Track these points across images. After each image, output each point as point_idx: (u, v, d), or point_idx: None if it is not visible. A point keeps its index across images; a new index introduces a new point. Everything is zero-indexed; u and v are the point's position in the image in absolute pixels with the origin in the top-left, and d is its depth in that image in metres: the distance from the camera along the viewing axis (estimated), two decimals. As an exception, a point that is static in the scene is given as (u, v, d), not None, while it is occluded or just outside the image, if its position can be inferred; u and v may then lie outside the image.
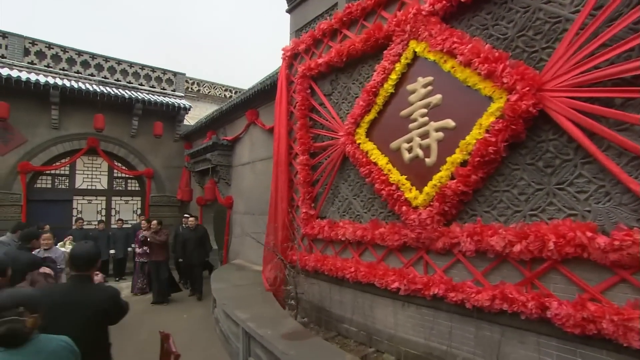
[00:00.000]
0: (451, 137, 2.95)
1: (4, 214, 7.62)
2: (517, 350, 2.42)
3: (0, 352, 1.20)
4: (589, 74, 2.14)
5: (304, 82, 4.50)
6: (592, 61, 2.13)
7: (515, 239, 2.38)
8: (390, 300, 3.34)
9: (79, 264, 1.82)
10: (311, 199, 4.36)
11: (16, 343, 1.22)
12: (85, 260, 1.83)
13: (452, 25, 3.00)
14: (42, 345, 1.29)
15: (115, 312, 1.89)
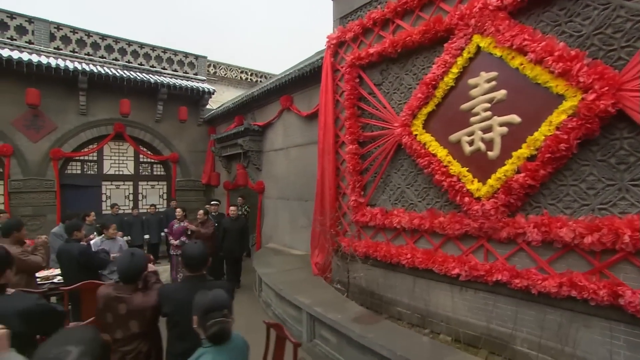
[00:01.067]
0: (515, 132, 3.11)
1: (39, 200, 7.92)
2: (582, 333, 2.68)
3: (211, 348, 1.42)
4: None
5: (352, 71, 4.60)
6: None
7: (585, 231, 2.59)
8: (447, 285, 3.60)
9: (193, 264, 2.00)
10: (361, 187, 4.57)
11: (223, 340, 1.44)
12: (198, 261, 2.00)
13: (520, 20, 3.10)
14: (235, 341, 1.52)
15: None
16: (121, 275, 1.94)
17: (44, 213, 7.99)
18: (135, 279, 1.96)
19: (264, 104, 7.55)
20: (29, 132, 7.84)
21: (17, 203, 7.67)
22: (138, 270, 1.96)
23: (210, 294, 1.51)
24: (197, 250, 1.98)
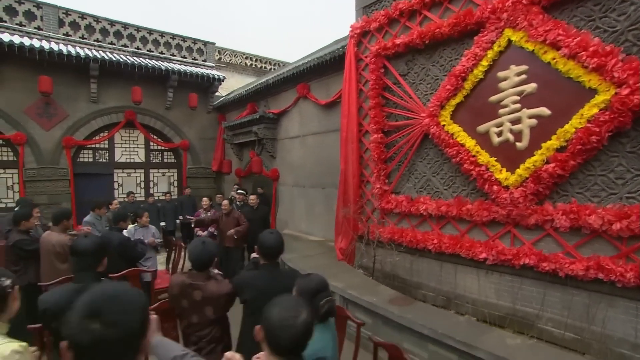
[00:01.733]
0: (544, 124, 3.27)
1: (54, 189, 8.00)
2: (607, 313, 2.91)
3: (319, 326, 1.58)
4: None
5: (377, 61, 4.70)
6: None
7: (614, 218, 2.79)
8: (474, 269, 3.82)
9: (271, 252, 2.16)
10: (385, 176, 4.73)
11: (333, 315, 1.62)
12: (276, 250, 2.17)
13: (553, 15, 3.21)
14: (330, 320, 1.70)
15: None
16: (194, 263, 2.10)
17: (59, 201, 8.06)
18: (207, 267, 2.13)
19: (278, 91, 7.60)
20: (41, 120, 7.86)
21: (33, 191, 7.75)
22: (210, 258, 2.12)
23: (314, 277, 1.69)
24: (274, 239, 2.13)
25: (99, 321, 0.79)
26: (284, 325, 1.13)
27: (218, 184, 10.44)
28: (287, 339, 1.13)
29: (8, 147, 7.83)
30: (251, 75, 13.25)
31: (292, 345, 1.14)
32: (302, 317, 1.16)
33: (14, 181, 7.91)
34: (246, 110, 8.56)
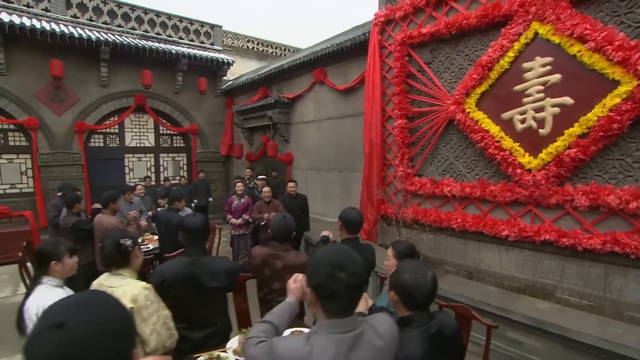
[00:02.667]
0: (567, 112, 3.56)
1: (68, 174, 8.09)
2: (619, 282, 3.30)
3: None
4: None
5: (402, 49, 4.90)
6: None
7: (631, 197, 3.14)
8: (495, 245, 4.18)
9: (353, 226, 2.45)
10: (409, 159, 5.02)
11: None
12: (359, 224, 2.46)
13: (580, 10, 3.45)
14: None
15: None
16: (276, 235, 2.38)
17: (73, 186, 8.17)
18: (288, 239, 2.41)
19: (292, 76, 7.73)
20: (52, 105, 7.87)
21: (47, 177, 7.85)
22: (290, 231, 2.40)
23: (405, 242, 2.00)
24: (357, 214, 2.43)
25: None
26: (419, 285, 1.40)
27: (227, 168, 10.62)
28: (423, 295, 1.40)
29: (20, 132, 7.86)
30: (253, 59, 13.22)
31: (427, 299, 1.42)
32: (430, 275, 1.44)
33: (27, 166, 7.98)
34: (257, 94, 8.66)
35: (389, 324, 1.20)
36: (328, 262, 1.10)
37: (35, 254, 1.94)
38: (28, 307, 1.80)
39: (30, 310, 1.79)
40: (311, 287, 1.12)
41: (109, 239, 1.79)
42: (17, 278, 5.65)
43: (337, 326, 1.07)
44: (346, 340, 1.06)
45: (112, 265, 1.77)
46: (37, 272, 1.92)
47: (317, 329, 1.11)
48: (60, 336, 0.62)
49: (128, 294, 1.63)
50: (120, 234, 1.81)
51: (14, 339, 3.64)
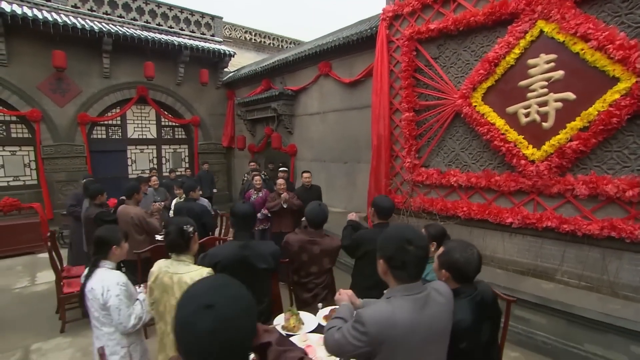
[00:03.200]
0: (569, 107, 3.80)
1: (72, 166, 8.12)
2: (615, 264, 3.58)
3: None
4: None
5: (410, 44, 5.07)
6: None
7: (627, 186, 3.41)
8: (499, 232, 4.44)
9: (385, 212, 2.67)
10: (416, 151, 5.23)
11: None
12: (391, 210, 2.67)
13: (583, 9, 3.66)
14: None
15: None
16: (312, 222, 2.58)
17: (77, 178, 8.16)
18: (322, 225, 2.61)
19: (296, 68, 7.83)
20: (55, 97, 7.84)
21: (51, 169, 7.87)
22: (325, 218, 2.61)
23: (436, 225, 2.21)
24: (388, 201, 2.65)
25: None
26: (469, 262, 1.61)
27: (228, 160, 10.71)
28: (473, 270, 1.62)
29: (22, 124, 7.83)
30: (251, 50, 13.20)
31: (475, 274, 1.64)
32: (476, 252, 1.65)
33: (31, 158, 7.98)
34: (260, 86, 8.75)
35: (444, 286, 1.45)
36: (398, 237, 1.30)
37: (95, 240, 2.08)
38: (93, 287, 1.96)
39: (95, 290, 1.95)
40: (383, 259, 1.33)
41: (173, 225, 1.94)
42: (32, 268, 5.77)
43: (408, 290, 1.29)
44: (419, 300, 1.27)
45: (175, 250, 1.93)
46: (97, 257, 2.06)
47: (391, 293, 1.32)
48: (212, 315, 0.76)
49: (196, 279, 1.80)
50: (183, 220, 1.96)
51: (46, 325, 3.81)
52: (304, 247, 2.55)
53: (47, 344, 3.49)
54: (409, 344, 1.24)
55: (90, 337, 3.40)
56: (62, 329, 3.72)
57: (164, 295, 1.83)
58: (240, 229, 2.29)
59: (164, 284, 1.83)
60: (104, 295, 1.92)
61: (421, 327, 1.26)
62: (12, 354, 3.32)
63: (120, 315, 1.91)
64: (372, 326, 1.21)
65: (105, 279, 1.97)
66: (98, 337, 2.01)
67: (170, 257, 1.98)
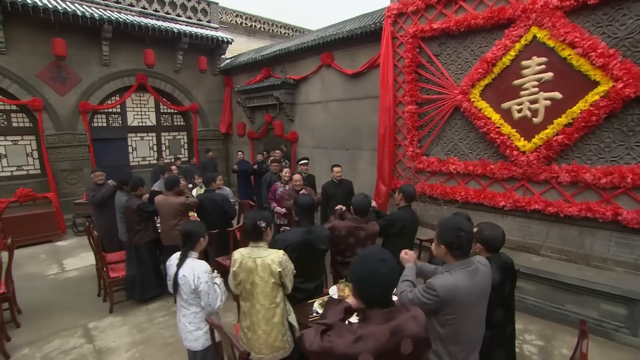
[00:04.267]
0: (556, 105, 4.37)
1: (75, 155, 8.23)
2: (590, 240, 4.28)
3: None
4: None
5: (414, 41, 5.49)
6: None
7: (602, 175, 4.06)
8: (492, 214, 5.07)
9: (410, 197, 3.23)
10: (417, 141, 5.76)
11: None
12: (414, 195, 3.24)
13: (571, 19, 4.18)
14: None
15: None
16: (358, 211, 3.09)
17: (81, 167, 8.36)
18: (367, 213, 3.12)
19: (298, 58, 8.10)
20: (55, 85, 7.85)
21: (55, 158, 7.96)
22: (369, 207, 3.13)
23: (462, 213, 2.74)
24: (412, 189, 3.27)
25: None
26: (497, 238, 2.18)
27: (226, 146, 10.97)
28: (500, 243, 2.20)
29: (23, 113, 7.84)
30: (242, 34, 13.20)
31: (501, 245, 2.20)
32: (501, 230, 2.22)
33: (33, 147, 8.04)
34: (260, 74, 8.97)
35: (483, 259, 1.99)
36: (453, 227, 1.82)
37: (185, 234, 2.45)
38: (184, 275, 2.35)
39: (187, 277, 2.34)
40: (442, 243, 1.84)
41: (249, 219, 2.37)
42: (55, 256, 6.08)
43: (463, 264, 1.82)
44: (470, 271, 1.81)
45: (252, 239, 2.37)
46: (185, 248, 2.44)
47: (450, 267, 1.84)
48: (386, 265, 1.35)
49: (275, 260, 2.26)
50: (258, 215, 2.38)
51: (93, 307, 4.21)
52: (351, 232, 3.05)
53: (102, 323, 3.92)
54: (465, 302, 1.79)
55: (139, 316, 3.90)
56: (111, 309, 4.15)
57: (249, 275, 2.29)
58: (303, 217, 2.78)
59: (249, 267, 2.28)
60: (194, 281, 2.32)
61: (473, 290, 1.80)
62: (75, 331, 3.74)
63: (209, 298, 2.34)
64: (441, 291, 1.74)
65: (195, 268, 2.37)
66: (185, 315, 2.42)
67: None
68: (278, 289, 2.29)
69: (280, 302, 2.31)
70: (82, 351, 3.40)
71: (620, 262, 4.05)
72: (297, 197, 2.95)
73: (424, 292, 1.78)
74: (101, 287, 4.53)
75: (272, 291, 2.26)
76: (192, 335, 2.33)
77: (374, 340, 1.27)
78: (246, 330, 2.30)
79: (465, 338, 1.84)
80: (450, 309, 1.76)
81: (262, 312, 2.24)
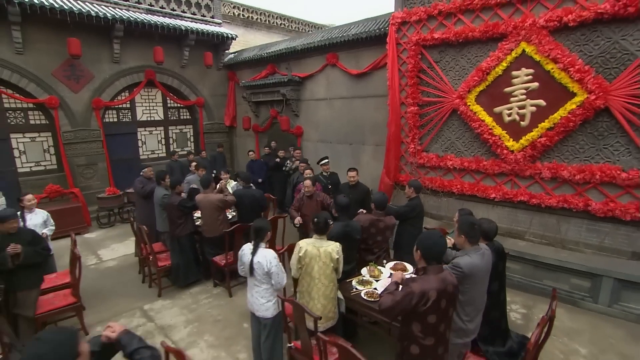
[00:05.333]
0: (541, 111, 5.11)
1: (89, 150, 8.66)
2: (565, 227, 5.12)
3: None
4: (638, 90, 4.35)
5: (416, 48, 6.12)
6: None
7: (576, 172, 4.86)
8: (483, 204, 5.87)
9: (419, 190, 3.97)
10: (418, 138, 6.47)
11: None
12: (421, 188, 3.98)
13: (554, 37, 4.87)
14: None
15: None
16: (378, 206, 3.80)
17: (96, 162, 8.81)
18: (385, 207, 3.83)
19: (303, 56, 8.61)
20: (70, 83, 8.20)
21: (72, 154, 8.39)
22: (386, 203, 3.85)
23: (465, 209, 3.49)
24: (419, 183, 3.99)
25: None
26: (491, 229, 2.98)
27: (230, 138, 11.48)
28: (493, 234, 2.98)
29: (39, 111, 8.20)
30: (240, 26, 13.48)
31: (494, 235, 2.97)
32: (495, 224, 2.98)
33: (49, 144, 8.43)
34: (265, 70, 9.45)
35: (485, 245, 2.75)
36: (470, 222, 2.57)
37: (256, 229, 3.06)
38: (259, 260, 3.00)
39: (261, 262, 2.99)
40: (462, 234, 2.59)
41: (323, 217, 3.07)
42: (88, 248, 6.67)
43: (476, 249, 2.58)
44: (481, 254, 2.58)
45: (318, 232, 3.08)
46: (257, 240, 3.07)
47: (466, 252, 2.58)
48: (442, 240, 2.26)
49: (334, 249, 3.00)
50: (327, 215, 3.10)
51: (141, 292, 4.86)
52: (373, 223, 3.79)
53: (154, 305, 4.59)
54: (478, 276, 2.56)
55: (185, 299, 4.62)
56: (159, 294, 4.82)
57: (312, 261, 3.01)
58: (342, 214, 3.56)
59: (313, 254, 3.00)
60: (267, 265, 2.98)
61: (482, 268, 2.56)
62: (134, 313, 4.41)
63: (279, 277, 3.02)
64: (465, 268, 2.49)
65: (267, 255, 3.03)
66: (257, 291, 3.09)
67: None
68: (334, 271, 3.02)
69: (335, 282, 3.05)
70: (147, 328, 4.08)
71: (589, 245, 4.92)
72: (337, 197, 3.66)
73: (452, 269, 2.51)
74: (145, 274, 5.18)
75: (331, 273, 3.00)
76: (263, 306, 3.04)
77: (434, 282, 2.14)
78: (305, 304, 3.03)
79: (475, 302, 2.62)
80: (468, 281, 2.50)
81: (322, 290, 2.97)
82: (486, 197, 5.76)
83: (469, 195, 5.96)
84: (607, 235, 4.77)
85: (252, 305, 3.13)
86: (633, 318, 4.15)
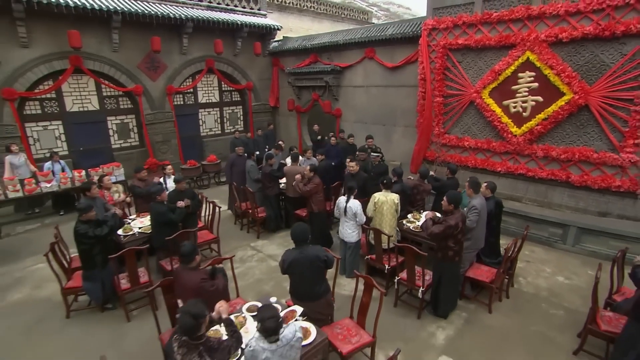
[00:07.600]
0: (538, 105, 6.83)
1: (164, 129, 10.67)
2: (552, 193, 6.98)
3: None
4: (611, 92, 6.05)
5: (444, 51, 7.78)
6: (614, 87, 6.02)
7: (562, 152, 6.66)
8: (492, 176, 7.73)
9: (455, 172, 5.87)
10: (442, 123, 8.26)
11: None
12: (456, 170, 5.87)
13: (552, 49, 6.51)
14: None
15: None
16: (422, 175, 5.74)
17: (169, 139, 10.85)
18: (426, 177, 5.77)
19: (344, 49, 10.26)
20: (149, 73, 10.09)
21: (152, 132, 10.42)
22: (428, 173, 5.81)
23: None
24: (455, 165, 5.83)
25: None
26: (495, 187, 4.86)
27: (273, 117, 13.34)
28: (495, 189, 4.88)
29: (126, 97, 10.16)
30: (274, 11, 14.90)
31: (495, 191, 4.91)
32: (495, 184, 4.88)
33: (133, 124, 10.46)
34: (308, 59, 11.13)
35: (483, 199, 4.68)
36: (475, 181, 4.51)
37: (349, 187, 5.02)
38: (350, 206, 4.93)
39: (351, 207, 4.90)
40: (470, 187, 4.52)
41: (388, 179, 5.00)
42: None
43: (478, 196, 4.52)
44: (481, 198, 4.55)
45: (386, 188, 5.02)
46: (349, 193, 5.02)
47: (474, 198, 4.51)
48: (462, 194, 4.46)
49: (395, 198, 4.92)
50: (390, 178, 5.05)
51: (243, 236, 6.97)
52: (416, 186, 5.74)
53: (257, 243, 6.70)
54: (482, 215, 4.48)
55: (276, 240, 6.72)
56: (258, 235, 6.93)
57: (383, 205, 4.94)
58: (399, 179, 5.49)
59: (383, 200, 4.95)
60: (354, 208, 4.95)
61: (484, 205, 4.49)
62: (245, 248, 6.52)
63: (362, 216, 4.99)
64: (478, 205, 4.42)
65: (354, 203, 4.95)
66: (347, 225, 5.01)
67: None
68: (395, 211, 5.00)
69: (395, 218, 5.05)
70: (259, 256, 6.19)
71: (568, 207, 6.80)
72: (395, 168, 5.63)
73: (470, 210, 4.45)
74: (243, 224, 7.33)
75: (394, 212, 4.98)
76: (350, 235, 5.05)
77: (459, 218, 4.05)
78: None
79: (480, 230, 4.57)
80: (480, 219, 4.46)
81: (388, 222, 4.96)
82: (494, 170, 7.61)
83: (481, 168, 7.82)
84: (581, 199, 6.64)
85: (342, 234, 5.15)
86: (587, 253, 6.09)
